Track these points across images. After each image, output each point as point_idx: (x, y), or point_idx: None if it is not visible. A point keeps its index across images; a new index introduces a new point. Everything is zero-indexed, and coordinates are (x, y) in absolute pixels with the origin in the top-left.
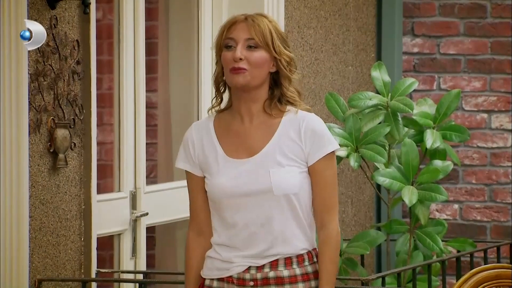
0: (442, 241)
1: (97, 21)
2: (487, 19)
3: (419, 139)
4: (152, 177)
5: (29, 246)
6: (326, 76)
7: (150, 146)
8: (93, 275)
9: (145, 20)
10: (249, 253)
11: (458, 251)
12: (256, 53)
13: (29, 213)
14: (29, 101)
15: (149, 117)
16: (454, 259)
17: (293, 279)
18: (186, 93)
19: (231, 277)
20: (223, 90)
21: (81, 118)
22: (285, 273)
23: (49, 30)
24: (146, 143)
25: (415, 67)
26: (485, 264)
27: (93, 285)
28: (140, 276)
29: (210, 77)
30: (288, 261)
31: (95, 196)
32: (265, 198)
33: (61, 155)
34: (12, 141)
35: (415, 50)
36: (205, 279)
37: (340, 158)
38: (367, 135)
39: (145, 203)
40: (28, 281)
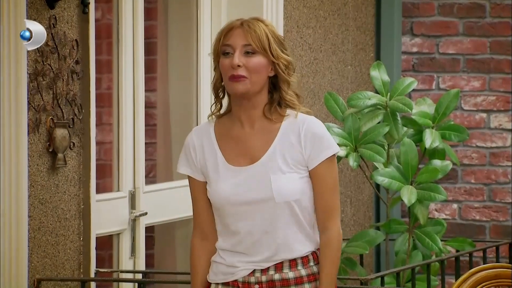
0: (441, 240)
1: (96, 20)
2: (486, 19)
3: (418, 138)
4: (151, 176)
5: (28, 246)
6: (325, 75)
7: (149, 145)
8: (92, 275)
9: (144, 20)
10: (253, 259)
11: (457, 251)
12: (254, 59)
13: (28, 212)
14: (28, 100)
15: (148, 116)
16: (453, 258)
17: (299, 280)
18: (185, 92)
19: (236, 281)
20: (222, 96)
21: (80, 117)
22: (290, 274)
23: (48, 30)
24: (145, 142)
25: (414, 67)
26: (484, 264)
27: (92, 284)
28: (139, 276)
29: (209, 77)
30: (293, 263)
31: (94, 196)
32: (266, 205)
33: (60, 155)
34: (11, 140)
35: (414, 49)
36: (211, 283)
37: (339, 158)
38: (366, 135)
39: (144, 202)
40: (27, 281)
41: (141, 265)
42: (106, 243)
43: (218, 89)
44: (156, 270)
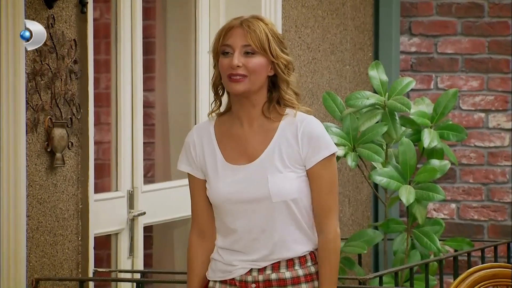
0: (440, 240)
1: (94, 20)
2: (484, 19)
3: (416, 138)
4: (149, 176)
5: (26, 246)
6: (324, 75)
7: (147, 145)
8: (90, 275)
9: (142, 20)
10: (250, 257)
11: (455, 251)
12: (254, 59)
13: (27, 212)
14: (26, 100)
15: (147, 116)
16: (452, 258)
17: (296, 280)
18: (184, 92)
19: (233, 279)
20: (221, 93)
21: (78, 117)
22: (287, 274)
23: (47, 30)
24: (144, 142)
25: (413, 67)
26: (482, 264)
27: (91, 284)
28: (137, 276)
29: (207, 76)
30: (290, 263)
31: (92, 196)
32: (264, 204)
33: (58, 155)
34: (10, 140)
35: (413, 49)
36: (209, 281)
37: (338, 158)
38: (365, 135)
39: (143, 202)
40: (25, 281)
41: (140, 265)
42: (105, 242)
43: (218, 86)
44: (154, 270)
